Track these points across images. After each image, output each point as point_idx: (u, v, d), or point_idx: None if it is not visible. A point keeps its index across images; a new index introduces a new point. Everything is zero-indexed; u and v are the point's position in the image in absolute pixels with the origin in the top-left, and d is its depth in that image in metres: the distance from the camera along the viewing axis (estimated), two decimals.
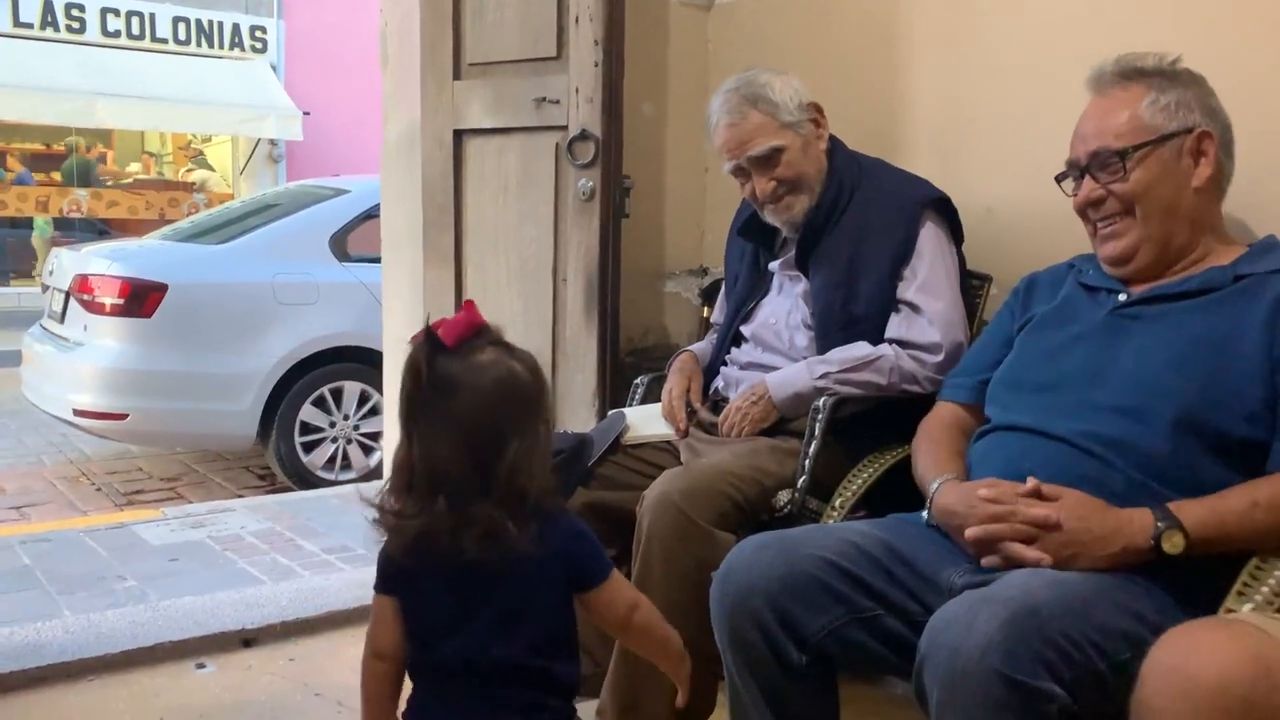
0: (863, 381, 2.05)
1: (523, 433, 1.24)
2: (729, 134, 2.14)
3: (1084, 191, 1.63)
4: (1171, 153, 1.58)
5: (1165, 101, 1.58)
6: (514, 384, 1.25)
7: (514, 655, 1.27)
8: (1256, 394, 1.45)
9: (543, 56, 2.50)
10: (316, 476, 4.91)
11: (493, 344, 1.27)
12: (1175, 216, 1.59)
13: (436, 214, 2.71)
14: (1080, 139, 1.65)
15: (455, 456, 1.23)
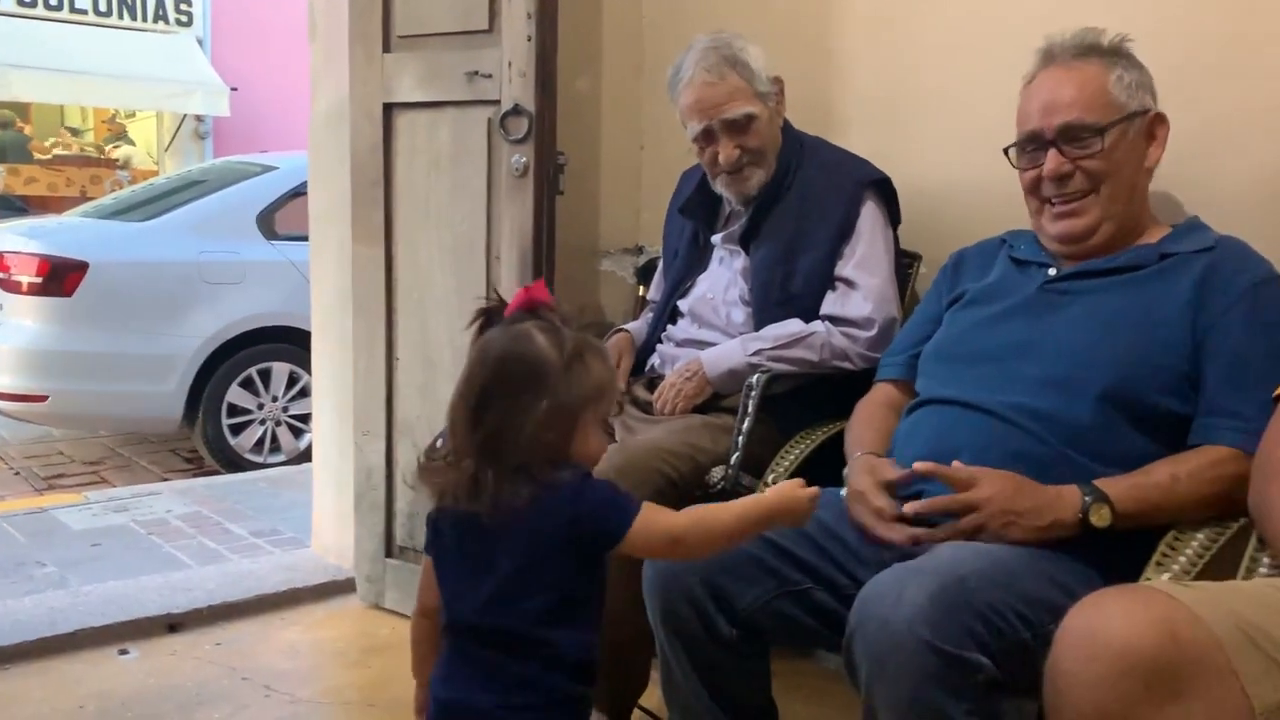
0: (795, 358, 2.06)
1: (513, 401, 1.25)
2: (705, 93, 2.09)
3: (1051, 165, 1.60)
4: (1135, 132, 1.60)
5: (1129, 80, 1.60)
6: (518, 355, 1.27)
7: (514, 624, 1.28)
8: (1179, 369, 1.49)
9: (474, 29, 2.45)
10: (245, 459, 4.83)
11: (538, 320, 1.29)
12: (1132, 196, 1.62)
13: (366, 190, 2.66)
14: (1043, 110, 1.62)
15: (456, 408, 1.29)
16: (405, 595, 2.72)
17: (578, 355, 1.28)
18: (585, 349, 1.29)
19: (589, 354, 1.29)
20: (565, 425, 1.28)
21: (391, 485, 2.72)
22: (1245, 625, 1.01)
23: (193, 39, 12.58)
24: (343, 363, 2.86)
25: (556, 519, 1.26)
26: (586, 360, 1.29)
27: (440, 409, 2.47)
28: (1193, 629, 0.98)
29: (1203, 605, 1.01)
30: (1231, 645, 0.99)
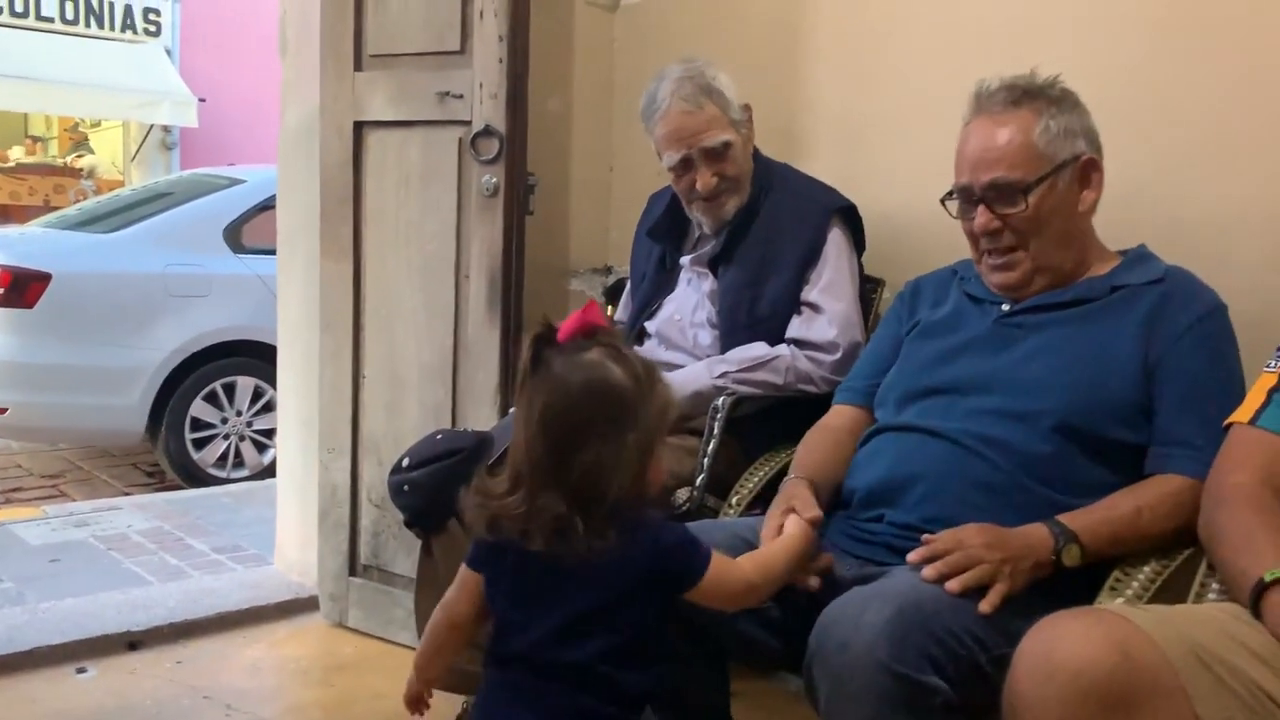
0: (760, 381, 2.08)
1: (605, 437, 1.22)
2: (684, 122, 2.11)
3: (980, 221, 1.61)
4: (1064, 182, 1.60)
5: (1056, 129, 1.59)
6: (604, 388, 1.23)
7: (579, 659, 1.26)
8: (1132, 399, 1.52)
9: (446, 50, 2.47)
10: (207, 474, 4.79)
11: (602, 346, 1.26)
12: (1066, 243, 1.63)
13: (335, 206, 2.66)
14: (971, 164, 1.62)
15: (533, 445, 1.24)
16: (369, 614, 2.71)
17: (650, 379, 1.26)
18: (652, 371, 1.27)
19: (656, 375, 1.28)
20: (649, 456, 1.26)
21: (356, 503, 2.71)
22: (1195, 647, 1.03)
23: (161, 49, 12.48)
24: (309, 378, 2.85)
25: (638, 560, 1.25)
26: (656, 382, 1.27)
27: (407, 426, 2.54)
28: (1145, 650, 1.00)
29: (1155, 627, 1.03)
30: (1182, 665, 1.01)
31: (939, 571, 1.34)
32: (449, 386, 2.52)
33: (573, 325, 1.26)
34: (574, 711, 1.27)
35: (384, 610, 2.68)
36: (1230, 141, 1.82)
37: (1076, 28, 1.96)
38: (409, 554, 2.47)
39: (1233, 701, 1.02)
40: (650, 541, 1.25)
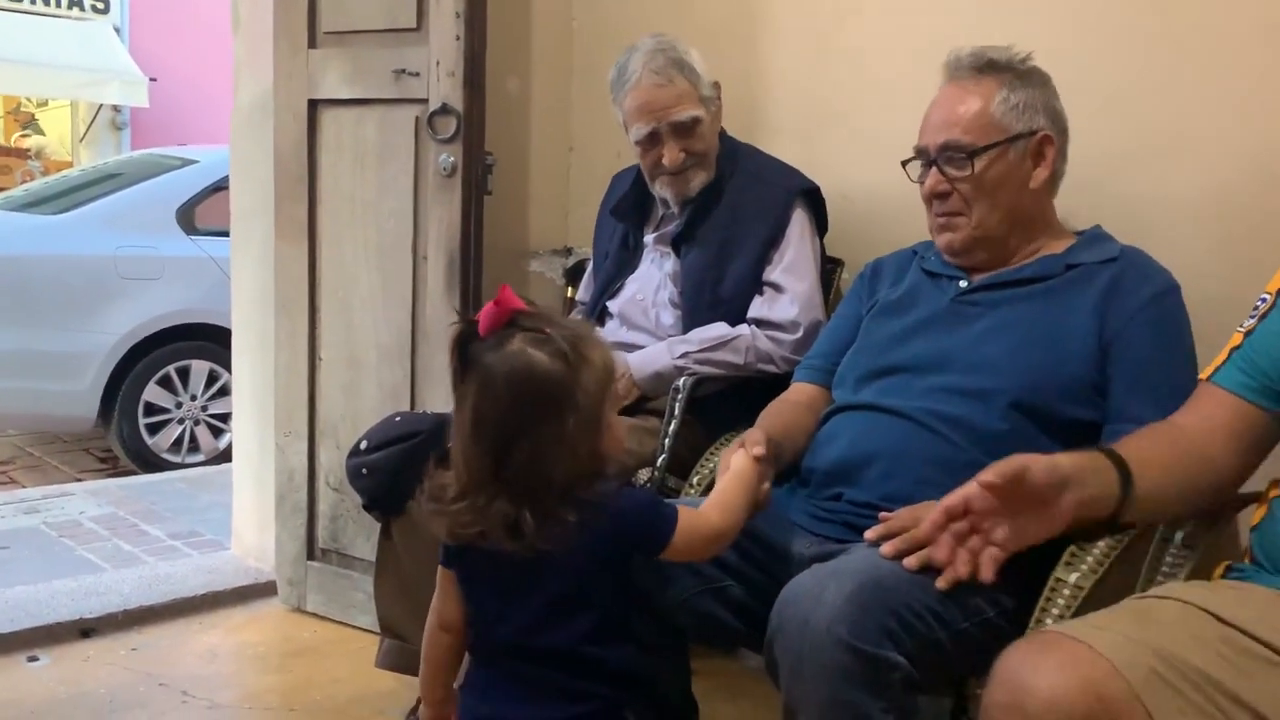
0: (720, 361, 2.09)
1: (540, 426, 1.20)
2: (654, 94, 2.10)
3: (930, 183, 1.67)
4: (1016, 154, 1.63)
5: (1015, 101, 1.62)
6: (529, 377, 1.20)
7: (565, 642, 1.26)
8: (1087, 377, 1.54)
9: (402, 27, 2.43)
10: (162, 459, 4.73)
11: (524, 331, 1.22)
12: (1012, 216, 1.65)
13: (290, 186, 2.62)
14: (931, 127, 1.67)
15: (469, 451, 1.23)
16: (327, 598, 2.69)
17: (579, 355, 1.22)
18: (581, 344, 1.23)
19: (586, 347, 1.24)
20: (595, 431, 1.24)
21: (314, 487, 2.68)
22: (1156, 662, 1.05)
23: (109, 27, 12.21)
24: (264, 361, 2.81)
25: (605, 534, 1.24)
26: (588, 355, 1.23)
27: (365, 409, 2.51)
28: (1113, 684, 1.02)
29: (1118, 651, 1.05)
30: (1145, 690, 1.03)
31: (897, 548, 1.35)
32: (407, 368, 2.50)
33: (489, 316, 1.23)
34: (569, 695, 1.27)
35: (343, 594, 2.66)
36: (1186, 129, 1.85)
37: (1040, 11, 1.97)
38: (368, 538, 2.45)
39: (1193, 713, 1.05)
40: (614, 513, 1.24)
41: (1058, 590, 1.38)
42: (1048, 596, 1.38)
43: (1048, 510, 1.23)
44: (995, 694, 1.07)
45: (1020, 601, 1.41)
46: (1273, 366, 1.32)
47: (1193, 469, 1.34)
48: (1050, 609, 1.37)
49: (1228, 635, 1.11)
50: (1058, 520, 1.23)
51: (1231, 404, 1.34)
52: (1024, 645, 1.09)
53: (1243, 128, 1.78)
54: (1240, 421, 1.34)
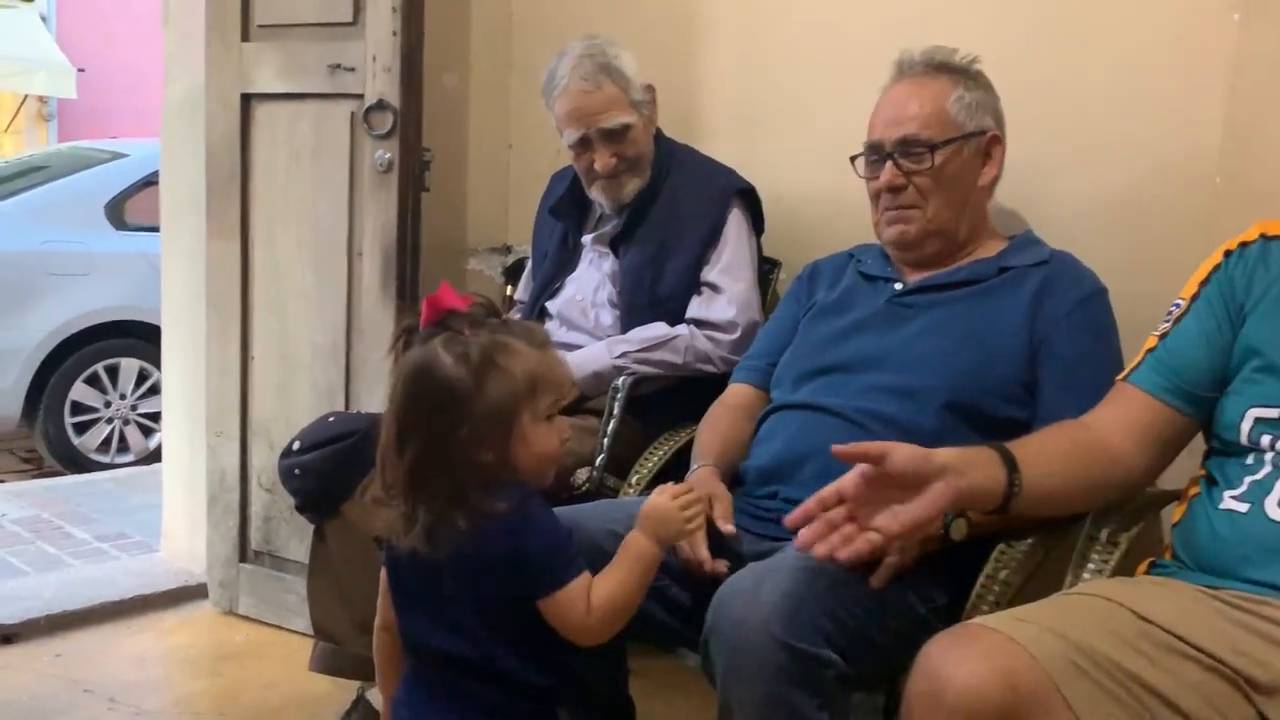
0: (659, 360, 2.09)
1: (427, 426, 1.20)
2: (582, 101, 2.09)
3: (886, 176, 1.68)
4: (970, 151, 1.68)
5: (969, 100, 1.67)
6: (422, 378, 1.20)
7: (467, 652, 1.24)
8: (1018, 377, 1.57)
9: (338, 21, 2.40)
10: (89, 460, 4.61)
11: (447, 330, 1.22)
12: (962, 212, 1.69)
13: (222, 182, 2.58)
14: (886, 123, 1.69)
15: (385, 446, 1.23)
16: (260, 601, 2.65)
17: (487, 362, 1.20)
18: (495, 351, 1.21)
19: (501, 355, 1.21)
20: (499, 438, 1.21)
21: (246, 487, 2.65)
22: (1075, 654, 1.08)
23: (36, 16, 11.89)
24: (195, 360, 2.76)
25: (498, 551, 1.21)
26: (500, 363, 1.21)
27: (299, 408, 2.48)
28: (1030, 675, 1.04)
29: (1035, 642, 1.07)
30: (1063, 679, 1.05)
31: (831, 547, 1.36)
32: (342, 368, 2.47)
33: (424, 313, 1.23)
34: (487, 708, 1.26)
35: (276, 596, 2.62)
36: (1108, 134, 1.89)
37: (971, 18, 2.00)
38: (302, 539, 2.42)
39: (1111, 703, 1.07)
40: (510, 534, 1.21)
41: (988, 587, 1.40)
42: (978, 593, 1.40)
43: (920, 496, 1.21)
44: (916, 684, 1.09)
45: (952, 598, 1.44)
46: (1185, 368, 1.35)
47: (1095, 465, 1.36)
48: (980, 605, 1.39)
49: (1146, 630, 1.14)
50: (932, 505, 1.21)
51: (1144, 402, 1.37)
52: (945, 637, 1.11)
53: (1160, 132, 1.83)
54: (1151, 420, 1.37)
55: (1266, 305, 1.30)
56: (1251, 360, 1.29)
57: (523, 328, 1.28)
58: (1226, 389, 1.33)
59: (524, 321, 1.33)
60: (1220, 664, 1.13)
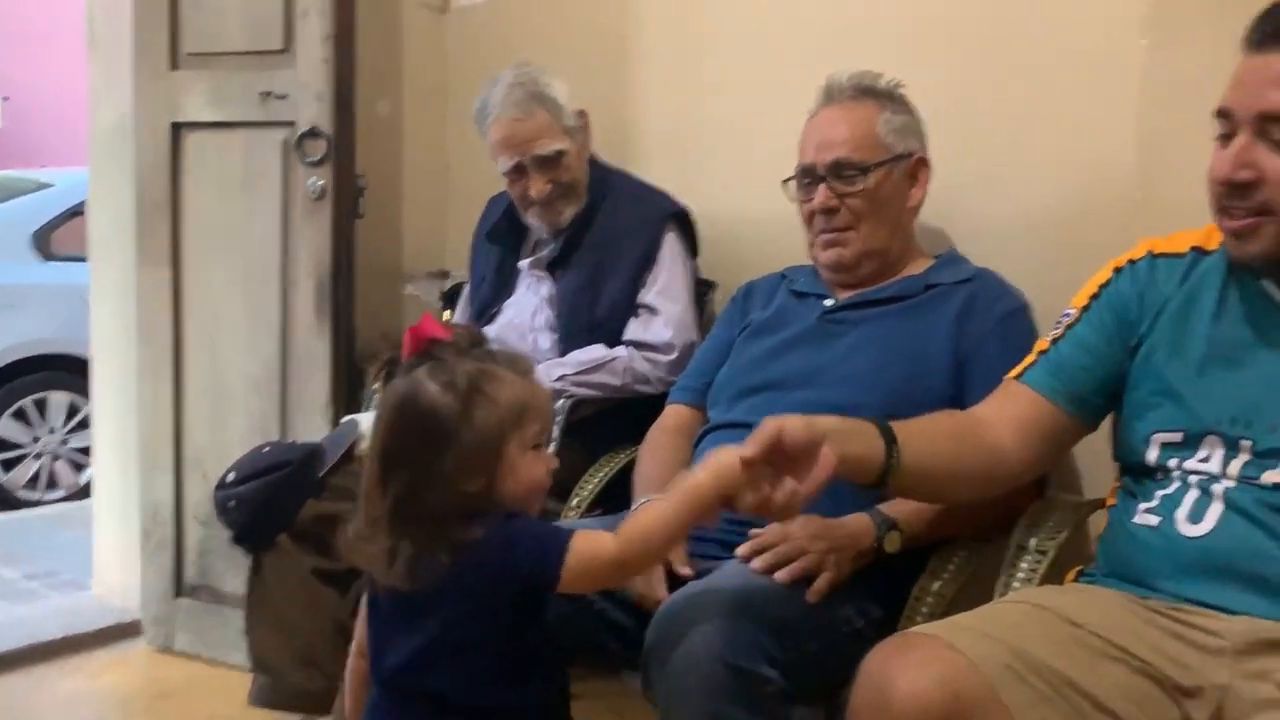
0: (598, 383, 2.10)
1: (416, 457, 1.18)
2: (514, 129, 2.10)
3: (820, 199, 1.71)
4: (899, 173, 1.72)
5: (897, 123, 1.72)
6: (411, 407, 1.18)
7: (441, 686, 1.21)
8: (944, 392, 1.61)
9: (269, 49, 2.40)
10: (17, 497, 4.49)
11: (432, 360, 1.19)
12: (893, 232, 1.73)
13: (152, 211, 2.55)
14: (818, 146, 1.72)
15: (369, 480, 1.21)
16: (197, 637, 2.61)
17: (474, 390, 1.18)
18: (482, 379, 1.19)
19: (488, 383, 1.20)
20: (487, 468, 1.19)
21: (181, 521, 2.61)
22: (1012, 659, 1.11)
23: None
24: (126, 393, 2.72)
25: (481, 577, 1.18)
26: (487, 391, 1.19)
27: (233, 440, 2.44)
28: (971, 681, 1.07)
29: (974, 647, 1.10)
30: (1001, 683, 1.08)
31: (768, 563, 1.38)
32: (277, 397, 2.45)
33: (406, 344, 1.22)
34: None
35: (213, 631, 2.57)
36: (1030, 155, 1.94)
37: (896, 42, 2.05)
38: (238, 572, 2.36)
39: (1046, 707, 1.10)
40: (498, 547, 1.18)
41: (921, 598, 1.43)
42: (912, 604, 1.43)
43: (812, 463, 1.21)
44: (860, 694, 1.11)
45: (888, 610, 1.46)
46: (1076, 373, 1.38)
47: (971, 453, 1.37)
48: (915, 616, 1.42)
49: (1076, 634, 1.17)
50: (823, 470, 1.20)
51: (1031, 399, 1.40)
52: (886, 646, 1.13)
53: (1077, 151, 1.88)
54: (1036, 417, 1.39)
55: (1161, 327, 1.34)
56: (1150, 383, 1.33)
57: (508, 356, 1.26)
58: (1126, 409, 1.36)
59: (509, 350, 1.30)
60: (1148, 666, 1.16)
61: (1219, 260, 1.32)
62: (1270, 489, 1.20)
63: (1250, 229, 1.21)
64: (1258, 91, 1.18)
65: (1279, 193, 1.18)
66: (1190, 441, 1.27)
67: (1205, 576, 1.21)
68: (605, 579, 1.27)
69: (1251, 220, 1.21)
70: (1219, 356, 1.28)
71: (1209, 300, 1.31)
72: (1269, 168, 1.18)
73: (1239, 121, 1.20)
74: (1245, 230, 1.21)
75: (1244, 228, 1.21)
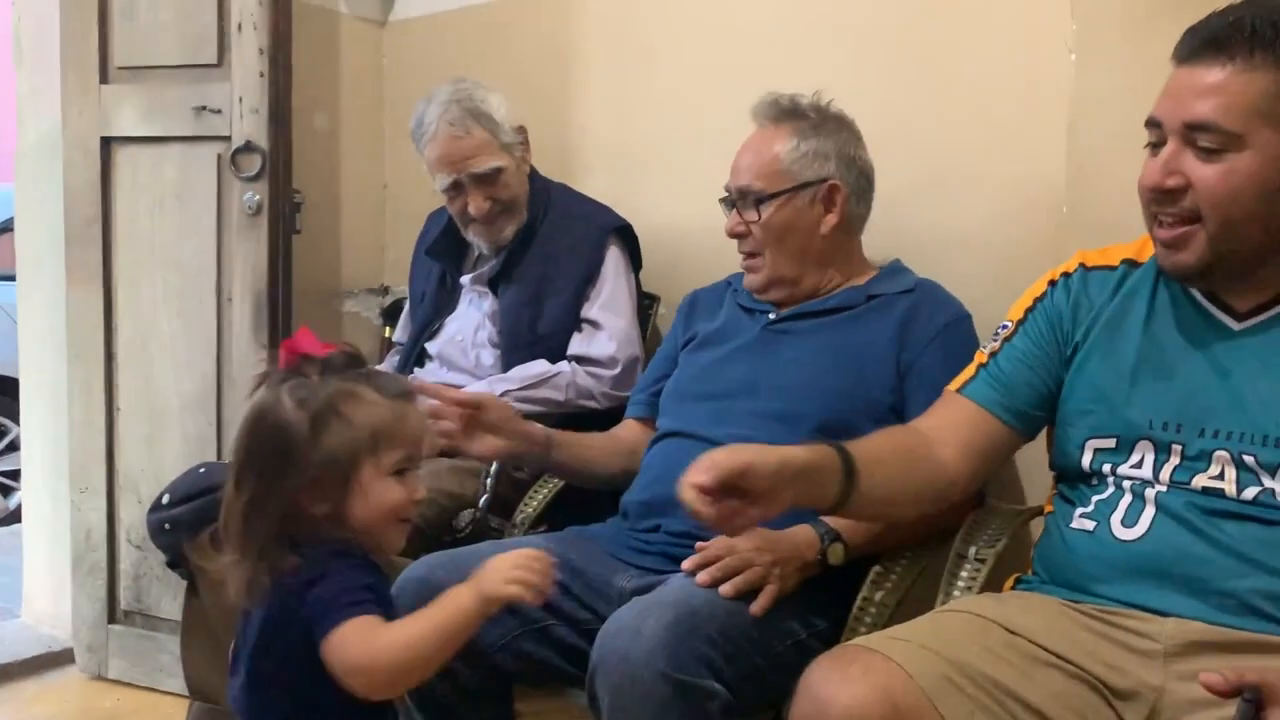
0: (541, 398, 2.09)
1: (257, 473, 1.16)
2: (451, 146, 2.09)
3: (729, 224, 1.75)
4: (804, 201, 1.71)
5: (805, 149, 1.70)
6: (258, 422, 1.17)
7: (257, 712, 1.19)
8: (886, 401, 1.62)
9: (203, 63, 2.36)
10: None
11: (295, 377, 1.18)
12: (803, 258, 1.73)
13: (82, 228, 2.49)
14: (735, 170, 1.75)
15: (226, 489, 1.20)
16: (131, 663, 2.54)
17: (329, 410, 1.15)
18: (340, 400, 1.16)
19: (346, 404, 1.16)
20: (334, 490, 1.16)
21: (114, 545, 2.55)
22: (948, 669, 1.12)
23: None
24: (56, 413, 2.65)
25: (287, 610, 1.14)
26: (344, 412, 1.16)
27: (168, 460, 2.40)
28: (908, 691, 1.08)
29: (911, 659, 1.11)
30: (937, 694, 1.09)
31: (713, 576, 1.38)
32: (213, 417, 2.40)
33: (280, 358, 1.21)
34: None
35: (149, 658, 2.51)
36: (966, 169, 1.97)
37: (835, 58, 2.07)
38: (174, 596, 2.33)
39: (983, 715, 1.11)
40: (301, 589, 1.13)
41: (865, 609, 1.44)
42: (856, 615, 1.44)
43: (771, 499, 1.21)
44: (800, 707, 1.11)
45: (831, 622, 1.47)
46: (1017, 386, 1.40)
47: (918, 471, 1.38)
48: (858, 626, 1.43)
49: (1013, 642, 1.18)
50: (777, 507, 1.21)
51: (972, 412, 1.41)
52: (826, 660, 1.14)
53: (1010, 164, 1.92)
54: (977, 430, 1.41)
55: (1095, 336, 1.36)
56: (1084, 391, 1.35)
57: (384, 378, 1.23)
58: (1061, 417, 1.38)
59: (389, 374, 1.30)
60: (1083, 671, 1.18)
61: (1150, 270, 1.35)
62: (1200, 493, 1.23)
63: (1181, 239, 1.24)
64: (1185, 101, 1.21)
65: (1206, 199, 1.21)
66: (1123, 447, 1.30)
67: (1138, 579, 1.23)
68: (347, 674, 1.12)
69: (1182, 230, 1.23)
70: (1150, 363, 1.30)
71: (1140, 309, 1.34)
72: (1196, 175, 1.21)
73: (1168, 130, 1.23)
74: (1177, 240, 1.24)
75: (1175, 238, 1.24)
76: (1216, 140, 1.19)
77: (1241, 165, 1.19)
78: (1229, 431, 1.23)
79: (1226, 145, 1.19)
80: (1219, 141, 1.19)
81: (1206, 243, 1.22)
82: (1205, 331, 1.29)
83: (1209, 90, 1.19)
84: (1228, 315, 1.28)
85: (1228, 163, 1.19)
